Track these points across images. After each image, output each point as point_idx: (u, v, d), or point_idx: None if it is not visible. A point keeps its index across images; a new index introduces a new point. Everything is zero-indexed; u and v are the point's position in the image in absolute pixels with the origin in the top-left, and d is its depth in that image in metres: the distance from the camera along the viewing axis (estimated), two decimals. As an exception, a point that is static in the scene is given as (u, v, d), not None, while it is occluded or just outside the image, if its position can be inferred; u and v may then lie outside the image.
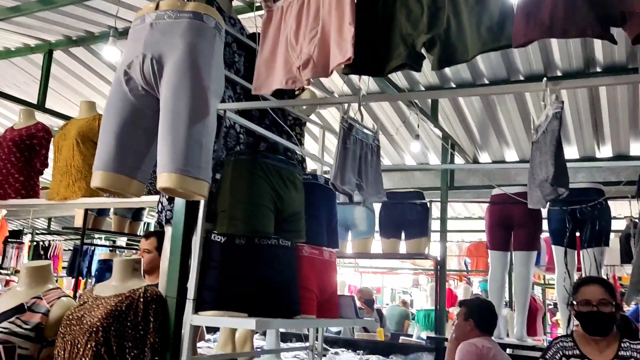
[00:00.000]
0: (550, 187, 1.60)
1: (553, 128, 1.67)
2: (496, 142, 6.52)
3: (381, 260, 11.10)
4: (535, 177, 1.78)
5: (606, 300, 2.43)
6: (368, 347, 5.28)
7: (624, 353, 2.40)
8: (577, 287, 2.58)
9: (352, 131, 2.06)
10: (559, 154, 1.63)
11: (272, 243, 2.34)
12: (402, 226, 5.21)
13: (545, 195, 1.66)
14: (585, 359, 2.45)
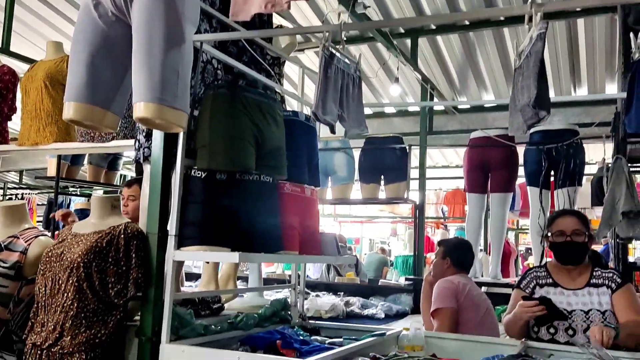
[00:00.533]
0: (532, 110, 1.60)
1: (537, 49, 1.65)
2: (475, 86, 6.52)
3: (360, 209, 11.22)
4: (517, 103, 1.78)
5: (580, 231, 2.49)
6: (348, 290, 5.39)
7: (596, 281, 2.48)
8: (553, 219, 2.64)
9: (334, 60, 2.02)
10: (542, 76, 1.62)
11: (254, 178, 2.32)
12: (382, 171, 5.25)
13: (527, 119, 1.66)
14: (558, 287, 2.53)
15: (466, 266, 3.45)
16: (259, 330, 2.62)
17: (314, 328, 3.03)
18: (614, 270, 2.57)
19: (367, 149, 5.30)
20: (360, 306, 4.84)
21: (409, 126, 6.95)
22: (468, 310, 3.16)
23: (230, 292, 2.85)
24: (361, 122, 2.18)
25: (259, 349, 2.36)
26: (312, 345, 2.45)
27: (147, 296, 2.11)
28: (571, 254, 2.51)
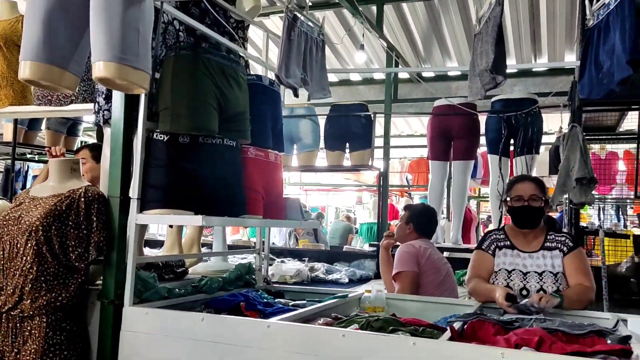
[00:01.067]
0: (489, 75, 1.64)
1: (495, 14, 1.68)
2: (439, 54, 6.56)
3: (326, 177, 11.27)
4: (476, 68, 1.81)
5: (536, 196, 2.58)
6: (313, 256, 5.46)
7: (550, 244, 2.59)
8: (511, 184, 2.72)
9: (297, 23, 2.00)
10: (499, 41, 1.65)
11: (217, 142, 2.31)
12: (347, 139, 5.27)
13: (484, 84, 1.70)
14: (515, 249, 2.63)
15: (428, 232, 3.53)
16: (223, 293, 2.65)
17: (278, 292, 3.08)
18: (566, 234, 2.68)
19: (333, 116, 5.30)
20: (324, 271, 4.93)
21: (374, 94, 6.97)
22: (428, 273, 3.25)
23: (194, 257, 2.86)
24: (324, 86, 2.18)
25: (223, 311, 2.40)
26: (275, 307, 2.50)
27: (109, 259, 2.10)
28: (528, 218, 2.60)
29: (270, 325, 1.95)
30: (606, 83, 1.83)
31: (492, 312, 2.34)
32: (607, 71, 1.79)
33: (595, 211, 10.72)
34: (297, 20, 2.00)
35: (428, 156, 5.12)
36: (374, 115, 5.18)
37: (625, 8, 1.69)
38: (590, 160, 3.53)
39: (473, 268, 2.70)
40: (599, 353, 1.63)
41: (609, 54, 1.77)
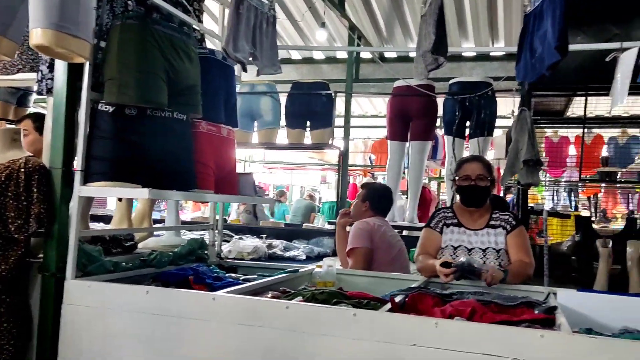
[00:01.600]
0: (431, 56, 1.67)
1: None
2: (401, 35, 6.59)
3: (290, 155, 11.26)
4: (420, 48, 1.84)
5: (483, 176, 2.66)
6: (272, 234, 5.49)
7: (494, 222, 2.69)
8: (460, 164, 2.79)
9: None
10: (440, 23, 1.69)
11: (166, 115, 2.29)
12: (307, 117, 5.28)
13: (427, 64, 1.74)
14: (462, 227, 2.71)
15: (383, 210, 3.60)
16: (174, 268, 2.65)
17: (231, 267, 3.10)
18: (510, 213, 2.77)
19: (294, 94, 5.29)
20: (282, 248, 4.96)
21: (337, 73, 6.97)
22: (381, 249, 3.32)
23: (142, 231, 2.84)
24: (275, 62, 2.18)
25: (171, 284, 2.40)
26: (225, 281, 2.52)
27: (51, 232, 2.07)
28: (474, 197, 2.68)
29: (215, 297, 1.97)
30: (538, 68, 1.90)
31: (437, 287, 2.42)
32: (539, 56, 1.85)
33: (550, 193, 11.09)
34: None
35: (387, 136, 5.17)
36: (334, 94, 5.19)
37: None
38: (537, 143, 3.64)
39: (421, 245, 2.77)
40: (524, 322, 1.71)
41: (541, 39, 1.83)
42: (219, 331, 1.91)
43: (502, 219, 2.68)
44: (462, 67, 6.72)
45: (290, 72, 7.41)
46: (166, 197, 2.32)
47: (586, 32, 3.64)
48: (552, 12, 1.75)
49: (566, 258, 3.93)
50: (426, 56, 1.72)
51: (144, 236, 2.94)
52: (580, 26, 3.67)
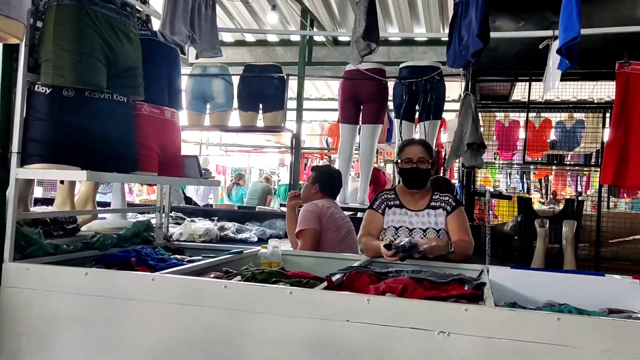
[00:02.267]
0: (364, 42, 1.72)
1: (370, -17, 1.75)
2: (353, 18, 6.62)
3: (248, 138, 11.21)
4: (354, 34, 1.89)
5: (424, 159, 2.75)
6: (226, 216, 5.49)
7: (434, 204, 2.78)
8: (402, 147, 2.87)
9: (184, -22, 1.99)
10: (372, 10, 1.74)
11: (105, 97, 2.28)
12: (260, 99, 5.29)
13: (360, 50, 1.79)
14: (404, 208, 2.80)
15: (332, 192, 3.66)
16: (117, 250, 2.64)
17: (178, 248, 3.11)
18: (449, 195, 2.88)
19: (246, 76, 5.28)
20: (234, 231, 4.98)
21: (291, 56, 6.96)
22: (329, 231, 3.39)
23: (87, 213, 2.82)
24: (215, 45, 2.19)
25: (113, 266, 2.40)
26: (168, 262, 2.54)
27: (-13, 215, 2.05)
28: (415, 179, 2.77)
29: (154, 278, 2.00)
30: (464, 55, 1.98)
31: (380, 266, 2.50)
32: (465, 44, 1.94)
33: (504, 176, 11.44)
34: (183, -25, 1.98)
35: (339, 119, 5.24)
36: (287, 76, 5.21)
37: (481, -17, 1.84)
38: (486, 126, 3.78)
39: (364, 227, 2.85)
40: (452, 297, 1.81)
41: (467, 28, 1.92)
42: (159, 312, 1.94)
43: (442, 200, 2.78)
44: (414, 51, 6.83)
45: (244, 54, 7.37)
46: (105, 179, 2.31)
47: (527, 19, 3.77)
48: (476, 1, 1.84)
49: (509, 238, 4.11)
50: (359, 42, 1.78)
51: (88, 219, 2.92)
52: (521, 13, 3.81)
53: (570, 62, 1.72)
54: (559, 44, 1.71)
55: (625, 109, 2.64)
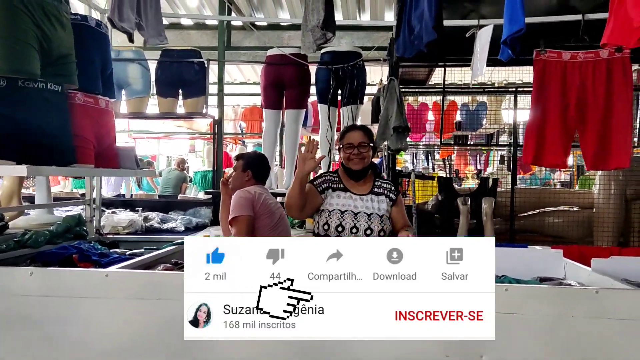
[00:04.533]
0: (320, 31, 1.77)
1: (325, -26, 1.80)
2: (271, 3, 6.60)
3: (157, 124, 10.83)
4: (308, 24, 1.93)
5: (365, 143, 2.84)
6: (147, 206, 5.34)
7: (377, 190, 2.89)
8: (344, 133, 2.94)
9: (129, -36, 1.92)
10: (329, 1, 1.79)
11: (39, 87, 2.15)
12: (180, 85, 5.15)
13: (316, 39, 1.83)
14: (348, 191, 2.88)
15: (262, 178, 3.68)
16: (51, 247, 2.52)
17: (113, 242, 3.01)
18: (389, 181, 2.99)
19: (165, 61, 5.11)
20: (159, 221, 4.87)
21: (206, 40, 6.81)
22: (263, 217, 3.40)
23: (14, 210, 2.65)
24: (161, 32, 2.14)
25: (53, 264, 2.30)
26: (111, 257, 2.46)
27: None
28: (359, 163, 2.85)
29: (108, 274, 1.94)
30: (417, 44, 2.10)
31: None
32: (417, 34, 2.05)
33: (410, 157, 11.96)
34: (128, -39, 1.91)
35: (262, 104, 5.23)
36: (207, 62, 5.11)
37: (433, -21, 1.96)
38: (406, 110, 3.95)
39: None
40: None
41: (419, 18, 2.03)
42: (115, 308, 1.89)
43: (385, 188, 2.89)
44: (331, 36, 6.95)
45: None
46: (45, 173, 2.19)
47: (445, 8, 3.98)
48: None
49: (430, 216, 4.36)
50: (315, 31, 1.82)
51: (14, 215, 2.74)
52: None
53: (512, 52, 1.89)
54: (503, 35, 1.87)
55: (543, 94, 2.91)
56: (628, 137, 2.94)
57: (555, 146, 2.90)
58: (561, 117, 2.89)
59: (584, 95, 2.89)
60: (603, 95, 2.86)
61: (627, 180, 4.15)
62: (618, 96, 2.83)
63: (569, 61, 2.92)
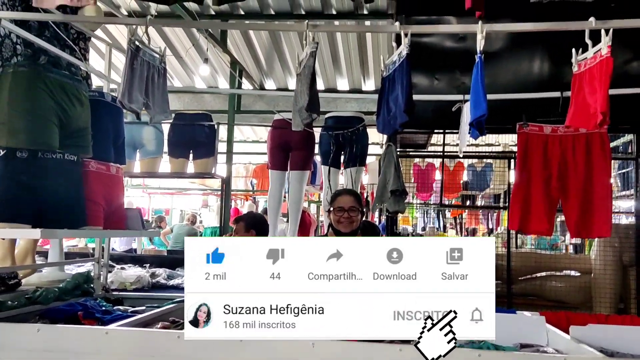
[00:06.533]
0: (306, 113, 1.98)
1: (310, 64, 2.03)
2: (280, 70, 6.97)
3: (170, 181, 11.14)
4: (297, 104, 2.15)
5: (355, 207, 3.01)
6: (155, 262, 5.48)
7: (363, 248, 3.05)
8: (335, 197, 3.12)
9: (140, 53, 2.17)
10: (313, 86, 2.01)
11: (57, 157, 2.38)
12: (191, 147, 5.40)
13: (303, 119, 2.04)
14: (336, 252, 3.04)
15: (265, 235, 3.88)
16: (60, 303, 2.66)
17: (118, 299, 3.15)
18: None
19: (177, 124, 5.39)
20: (166, 277, 4.98)
21: (218, 103, 7.16)
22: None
23: (28, 268, 2.83)
24: (165, 109, 2.37)
25: (60, 321, 2.42)
26: (114, 314, 2.60)
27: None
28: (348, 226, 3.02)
29: (108, 331, 2.06)
30: (392, 123, 2.31)
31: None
32: (393, 115, 2.26)
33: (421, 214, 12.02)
34: (139, 50, 2.17)
35: (268, 165, 5.45)
36: (217, 125, 5.39)
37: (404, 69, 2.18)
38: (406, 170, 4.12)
39: None
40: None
41: (394, 101, 2.25)
42: (114, 365, 2.01)
43: None
44: (338, 100, 7.26)
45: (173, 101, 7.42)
46: (58, 235, 2.39)
47: (440, 78, 4.25)
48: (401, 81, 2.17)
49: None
50: (302, 112, 2.03)
51: (28, 273, 2.92)
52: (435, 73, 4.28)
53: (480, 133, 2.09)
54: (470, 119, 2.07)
55: (526, 164, 3.08)
56: (608, 207, 3.08)
57: (540, 214, 3.04)
58: (544, 187, 3.05)
59: (565, 167, 3.06)
60: (583, 168, 3.02)
61: (622, 246, 4.22)
62: (597, 168, 2.99)
63: (550, 134, 3.11)
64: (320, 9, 5.53)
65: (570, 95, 2.25)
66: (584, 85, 2.07)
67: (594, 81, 1.97)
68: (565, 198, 3.06)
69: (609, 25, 1.99)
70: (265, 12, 5.63)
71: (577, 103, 2.12)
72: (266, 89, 7.30)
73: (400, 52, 2.25)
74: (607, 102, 1.87)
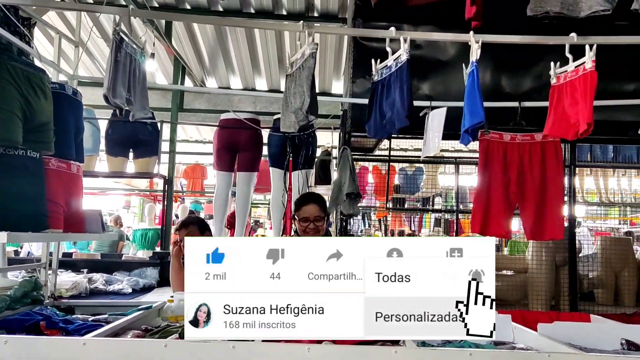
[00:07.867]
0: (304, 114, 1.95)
1: (310, 65, 2.01)
2: (224, 68, 6.82)
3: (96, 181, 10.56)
4: (289, 105, 2.12)
5: (320, 217, 3.00)
6: (89, 266, 5.17)
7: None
8: (300, 205, 3.08)
9: (123, 45, 2.04)
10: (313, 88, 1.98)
11: (19, 154, 2.19)
12: (131, 145, 5.16)
13: (299, 120, 2.01)
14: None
15: (214, 238, 3.80)
16: (11, 313, 2.46)
17: (69, 307, 2.96)
18: None
19: (116, 121, 5.12)
20: (104, 282, 4.72)
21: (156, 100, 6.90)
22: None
23: (-25, 275, 2.58)
24: (145, 106, 2.25)
25: (18, 331, 2.25)
26: (76, 324, 2.42)
27: None
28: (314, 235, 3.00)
29: (86, 342, 1.93)
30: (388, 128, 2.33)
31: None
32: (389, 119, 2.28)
33: (348, 217, 12.15)
34: (123, 42, 2.03)
35: (214, 166, 5.31)
36: (161, 123, 5.18)
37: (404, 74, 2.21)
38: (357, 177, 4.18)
39: None
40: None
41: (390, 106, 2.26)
42: (92, 376, 1.88)
43: None
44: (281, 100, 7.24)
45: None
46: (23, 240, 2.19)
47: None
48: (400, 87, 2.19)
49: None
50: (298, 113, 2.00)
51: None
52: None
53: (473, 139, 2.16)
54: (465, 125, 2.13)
55: (487, 170, 3.22)
56: (560, 212, 3.29)
57: (499, 219, 3.19)
58: (504, 192, 3.21)
59: (522, 173, 3.24)
60: (539, 174, 3.21)
61: (556, 247, 4.53)
62: (551, 175, 3.19)
63: (509, 142, 3.27)
64: (270, 8, 5.48)
65: (549, 106, 2.37)
66: (564, 96, 2.19)
67: (575, 93, 2.09)
68: (523, 202, 3.23)
69: (589, 40, 2.12)
70: (213, 9, 5.49)
71: (556, 114, 2.23)
72: (208, 87, 7.12)
73: (398, 57, 2.27)
74: (592, 113, 2.00)
